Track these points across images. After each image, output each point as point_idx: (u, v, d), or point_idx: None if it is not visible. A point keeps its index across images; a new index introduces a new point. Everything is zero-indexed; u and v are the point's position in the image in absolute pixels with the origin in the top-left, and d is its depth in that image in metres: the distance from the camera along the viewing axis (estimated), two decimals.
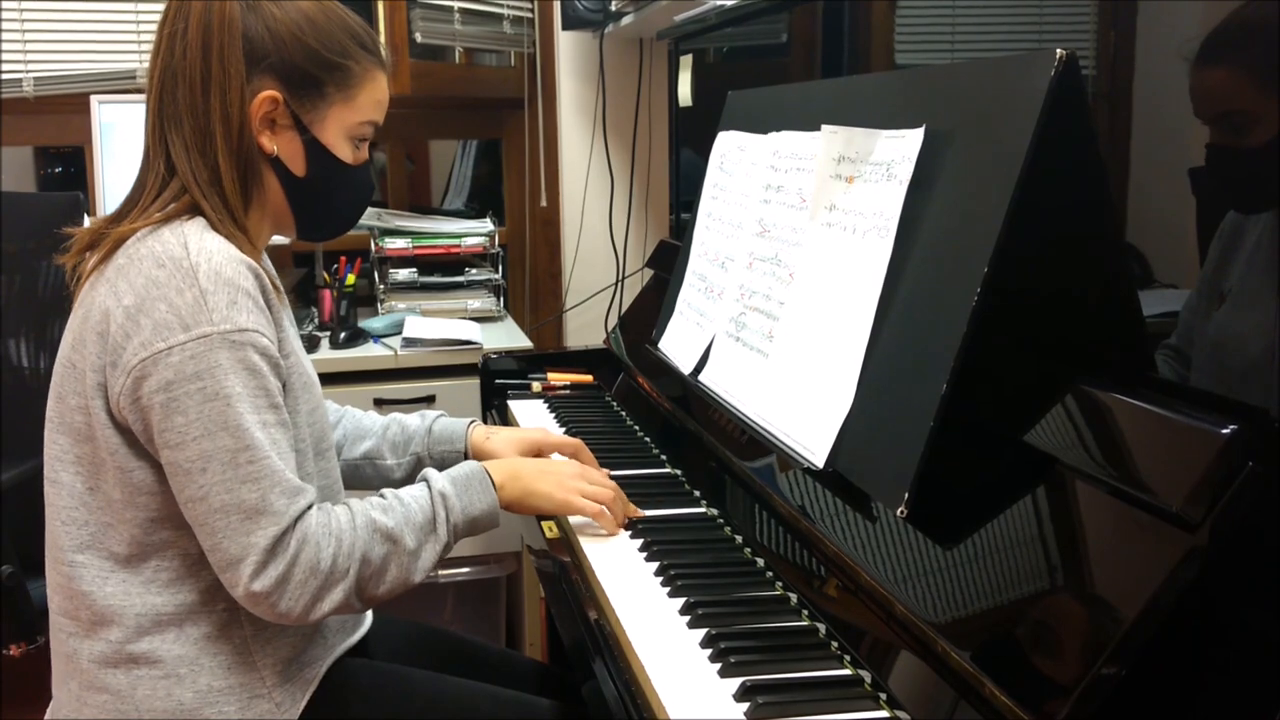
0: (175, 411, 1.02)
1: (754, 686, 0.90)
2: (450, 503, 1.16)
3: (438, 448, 1.45)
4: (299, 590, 1.04)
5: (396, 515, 1.12)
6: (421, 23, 2.61)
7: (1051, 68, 0.90)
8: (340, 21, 1.16)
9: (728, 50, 2.10)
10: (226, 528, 1.03)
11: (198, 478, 1.02)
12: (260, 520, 1.03)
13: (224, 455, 1.02)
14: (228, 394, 1.02)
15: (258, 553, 1.03)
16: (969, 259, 0.94)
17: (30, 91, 2.54)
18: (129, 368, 1.03)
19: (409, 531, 1.12)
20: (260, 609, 1.05)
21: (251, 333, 1.04)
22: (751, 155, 1.51)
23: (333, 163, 1.17)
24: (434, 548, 1.14)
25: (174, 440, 1.02)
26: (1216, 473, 0.72)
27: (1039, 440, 0.88)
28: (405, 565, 1.11)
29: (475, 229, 2.62)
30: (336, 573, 1.06)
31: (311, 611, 1.06)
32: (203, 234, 1.07)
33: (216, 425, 1.02)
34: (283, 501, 1.04)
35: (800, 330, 1.22)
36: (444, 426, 1.46)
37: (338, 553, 1.07)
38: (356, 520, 1.10)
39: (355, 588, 1.08)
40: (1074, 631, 0.76)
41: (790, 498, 1.14)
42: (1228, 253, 0.85)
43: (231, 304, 1.03)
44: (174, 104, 1.11)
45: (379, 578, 1.10)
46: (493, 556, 2.46)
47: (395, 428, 1.46)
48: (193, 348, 1.01)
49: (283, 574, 1.03)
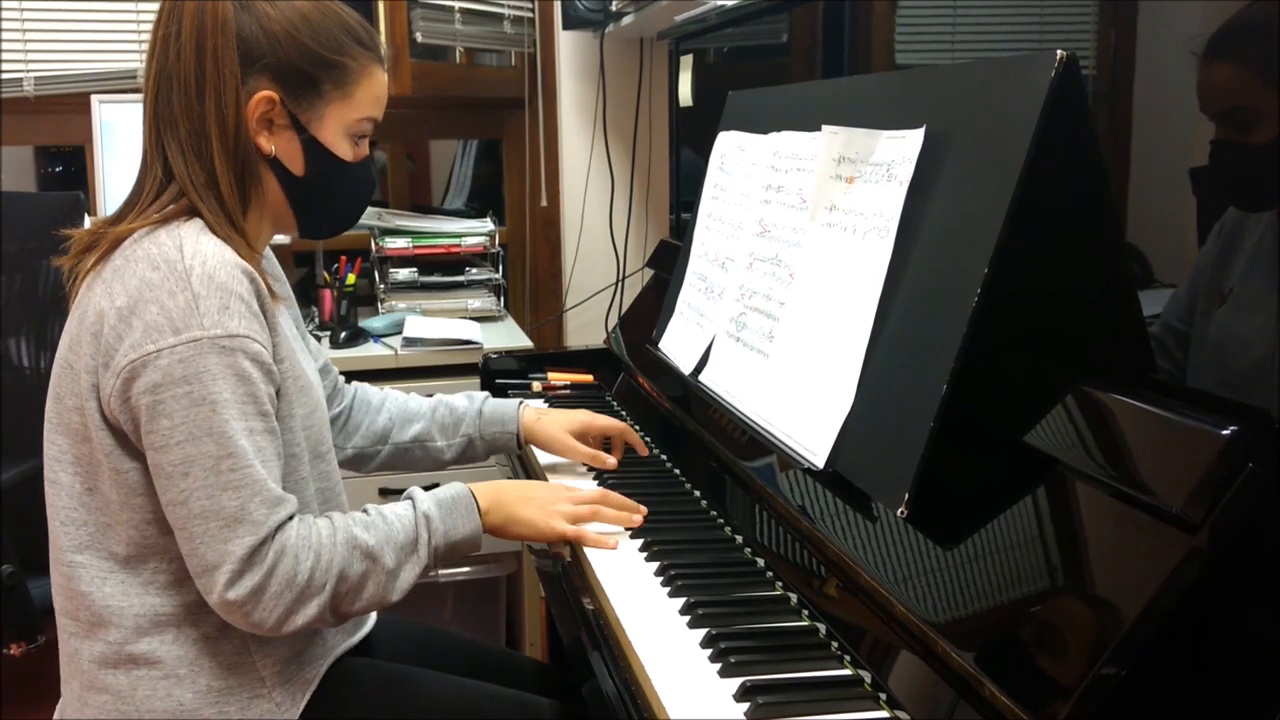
0: (161, 414, 1.01)
1: (754, 686, 0.90)
2: (434, 525, 1.15)
3: (489, 429, 1.46)
4: (274, 602, 1.04)
5: (378, 533, 1.11)
6: (422, 23, 2.61)
7: (1052, 68, 0.90)
8: (336, 18, 1.15)
9: (728, 50, 2.10)
10: (204, 534, 1.02)
11: (179, 481, 1.02)
12: (238, 529, 1.02)
13: (207, 461, 1.01)
14: (214, 399, 1.01)
15: (234, 561, 1.02)
16: (969, 259, 0.94)
17: (31, 91, 2.54)
18: (119, 369, 1.03)
19: (389, 550, 1.11)
20: (234, 618, 1.05)
21: (243, 338, 1.03)
22: (752, 155, 1.51)
23: (332, 161, 1.17)
24: (414, 569, 1.13)
25: (158, 443, 1.02)
26: (1217, 473, 0.72)
27: (1039, 441, 0.88)
28: (383, 584, 1.10)
29: (476, 229, 2.62)
30: (313, 587, 1.06)
31: (285, 624, 1.05)
32: (199, 237, 1.06)
33: (201, 430, 1.01)
34: (262, 511, 1.03)
35: (800, 330, 1.22)
36: (494, 408, 1.48)
37: (315, 567, 1.06)
38: (337, 536, 1.09)
39: (330, 603, 1.07)
40: (1074, 632, 0.76)
41: (790, 498, 1.14)
42: (1227, 252, 0.85)
43: (224, 309, 1.03)
44: (169, 107, 1.10)
45: (355, 594, 1.09)
46: (493, 556, 2.46)
47: (443, 410, 1.47)
48: (182, 351, 1.01)
49: (258, 584, 1.03)
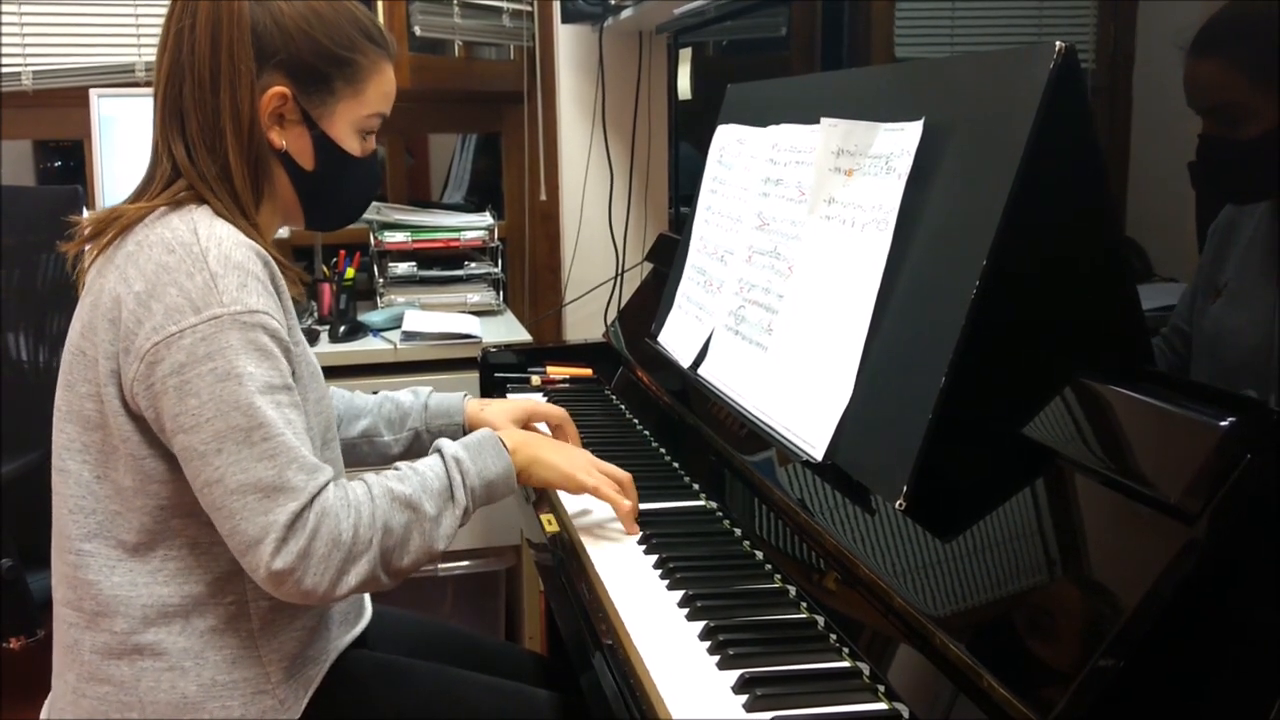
0: (189, 394, 1.01)
1: (752, 678, 0.90)
2: (465, 467, 1.16)
3: (435, 422, 1.46)
4: (322, 565, 1.03)
5: (413, 483, 1.11)
6: (420, 16, 2.61)
7: (1051, 60, 0.90)
8: (348, 14, 1.15)
9: (727, 44, 2.10)
10: (244, 508, 1.01)
11: (213, 459, 1.01)
12: (278, 497, 1.01)
13: (238, 435, 1.01)
14: (239, 374, 1.02)
15: (278, 529, 1.01)
16: (968, 252, 0.94)
17: (29, 85, 2.54)
18: (142, 353, 1.03)
19: (427, 499, 1.11)
20: (285, 589, 1.03)
21: (261, 314, 1.04)
22: (751, 148, 1.51)
23: (341, 156, 1.18)
24: (454, 513, 1.13)
25: (188, 424, 1.02)
26: (1214, 465, 0.72)
27: (1037, 433, 0.89)
28: (427, 532, 1.10)
29: (474, 223, 2.62)
30: (359, 544, 1.05)
31: (338, 586, 1.04)
32: (212, 220, 1.07)
33: (229, 405, 1.01)
34: (301, 477, 1.03)
35: (799, 323, 1.22)
36: (439, 401, 1.48)
37: (359, 523, 1.05)
38: (374, 491, 1.09)
39: (380, 559, 1.07)
40: (1072, 624, 0.76)
41: (789, 491, 1.14)
42: (1223, 247, 0.85)
43: (241, 286, 1.03)
44: (181, 100, 1.11)
45: (403, 547, 1.09)
46: (492, 550, 2.46)
47: (389, 405, 1.47)
48: (204, 329, 1.01)
49: (304, 549, 1.02)
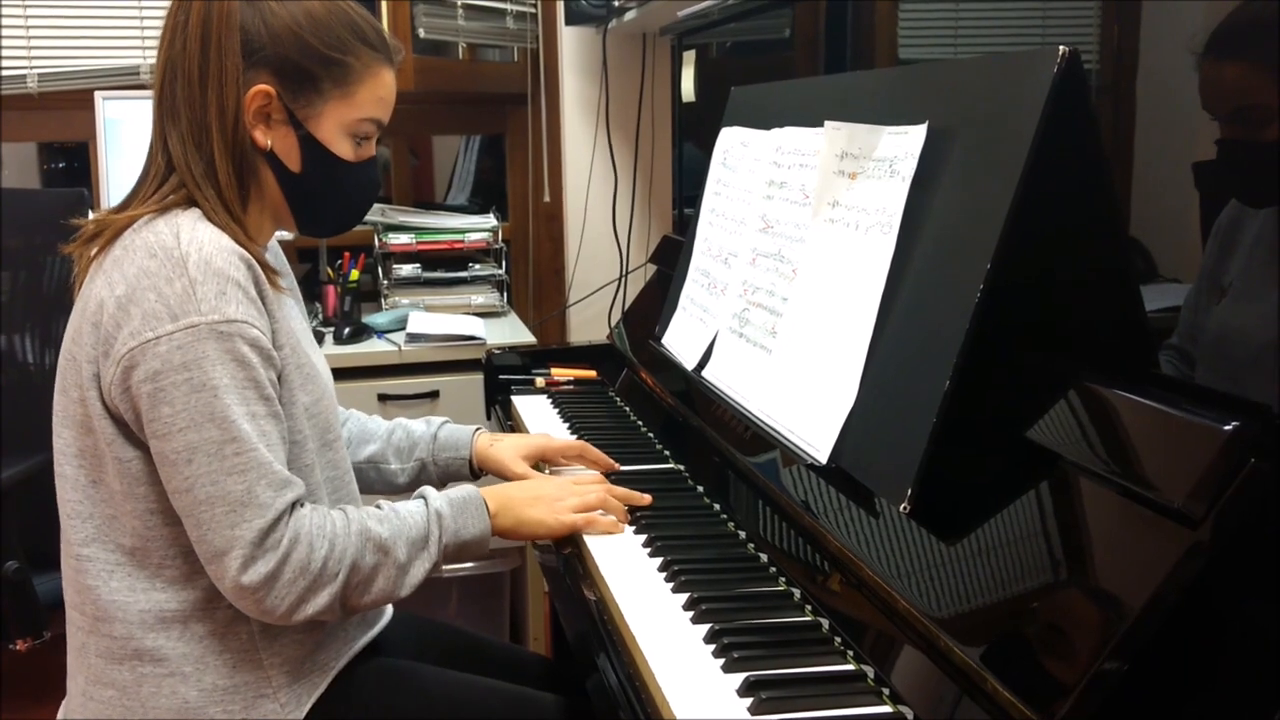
0: (162, 402, 1.02)
1: (757, 682, 0.90)
2: (445, 523, 1.16)
3: (443, 454, 1.45)
4: (287, 589, 1.04)
5: (391, 526, 1.12)
6: (425, 18, 2.62)
7: (1055, 64, 0.90)
8: (344, 17, 1.15)
9: (731, 46, 2.10)
10: (211, 520, 1.03)
11: (183, 469, 1.02)
12: (245, 512, 1.03)
13: (210, 447, 1.02)
14: (215, 385, 1.02)
15: (244, 545, 1.02)
16: (972, 255, 0.94)
17: (34, 87, 2.54)
18: (119, 357, 1.03)
19: (402, 544, 1.12)
20: (245, 603, 1.05)
21: (240, 323, 1.04)
22: (755, 151, 1.51)
23: (330, 159, 1.16)
24: (424, 564, 1.14)
25: (161, 430, 1.03)
26: (1219, 469, 0.72)
27: (1041, 436, 0.89)
28: (393, 579, 1.11)
29: (479, 224, 2.62)
30: (325, 576, 1.06)
31: (296, 612, 1.06)
32: (196, 224, 1.07)
33: (203, 416, 1.02)
34: (269, 494, 1.04)
35: (803, 326, 1.22)
36: (449, 433, 1.46)
37: (329, 555, 1.06)
38: (351, 527, 1.10)
39: (341, 594, 1.08)
40: (1076, 628, 0.76)
41: (794, 493, 1.14)
42: (1226, 248, 0.85)
43: (220, 294, 1.03)
44: (173, 97, 1.12)
45: (365, 587, 1.10)
46: (497, 552, 2.47)
47: (400, 433, 1.46)
48: (180, 338, 1.02)
49: (273, 570, 1.03)
